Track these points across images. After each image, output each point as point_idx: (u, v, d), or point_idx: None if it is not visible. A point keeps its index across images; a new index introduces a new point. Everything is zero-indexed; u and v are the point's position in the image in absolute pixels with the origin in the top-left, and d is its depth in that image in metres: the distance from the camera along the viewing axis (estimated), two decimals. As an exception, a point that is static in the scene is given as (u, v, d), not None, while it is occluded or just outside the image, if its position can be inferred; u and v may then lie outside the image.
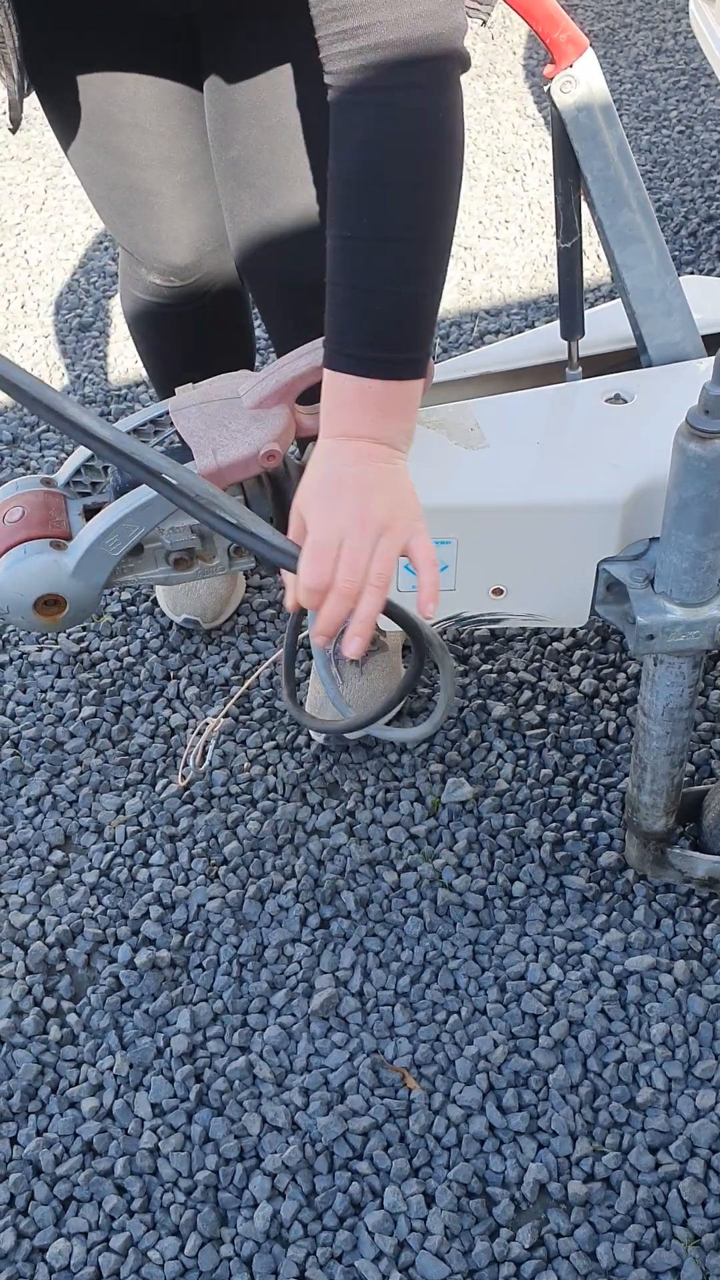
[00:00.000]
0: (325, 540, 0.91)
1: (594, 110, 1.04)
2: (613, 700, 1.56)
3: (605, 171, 1.07)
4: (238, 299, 1.50)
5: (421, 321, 0.92)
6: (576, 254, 1.13)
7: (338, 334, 0.92)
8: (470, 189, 2.67)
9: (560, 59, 1.02)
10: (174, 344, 1.49)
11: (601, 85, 1.04)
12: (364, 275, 0.90)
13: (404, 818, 1.46)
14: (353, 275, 0.90)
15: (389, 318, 0.90)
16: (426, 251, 0.90)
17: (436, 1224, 1.12)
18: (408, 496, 0.94)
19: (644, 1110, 1.19)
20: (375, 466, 0.93)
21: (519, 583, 1.10)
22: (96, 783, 1.52)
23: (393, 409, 0.93)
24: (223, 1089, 1.22)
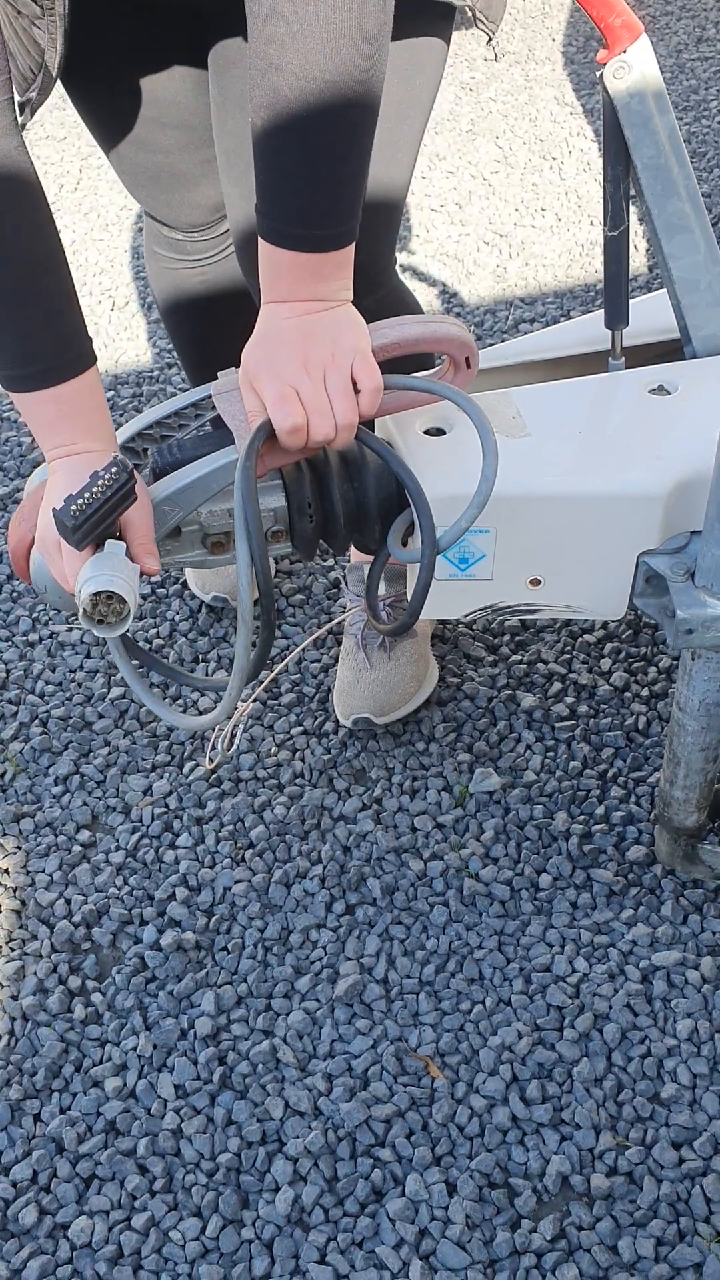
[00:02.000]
0: (282, 393, 0.96)
1: (646, 97, 1.03)
2: (643, 694, 1.55)
3: (655, 159, 1.06)
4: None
5: (352, 198, 0.95)
6: (624, 242, 1.12)
7: (271, 212, 0.95)
8: (507, 176, 2.65)
9: (614, 44, 1.01)
10: (200, 309, 1.50)
11: (655, 72, 1.03)
12: (281, 152, 0.92)
13: (431, 806, 1.46)
14: (271, 152, 0.92)
15: (314, 193, 0.93)
16: (343, 126, 0.92)
17: (458, 1213, 1.12)
18: (346, 328, 0.97)
19: (668, 1106, 1.19)
20: (310, 316, 0.97)
21: (557, 573, 1.09)
22: (124, 763, 1.52)
23: (327, 274, 0.96)
24: (246, 1072, 1.22)
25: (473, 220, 2.52)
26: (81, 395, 1.01)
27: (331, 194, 0.93)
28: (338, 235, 0.95)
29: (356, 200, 0.96)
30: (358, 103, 0.89)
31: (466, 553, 1.10)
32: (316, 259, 0.95)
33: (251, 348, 0.99)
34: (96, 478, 0.94)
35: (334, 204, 0.94)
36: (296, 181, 0.92)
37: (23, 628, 1.70)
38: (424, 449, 1.08)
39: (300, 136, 0.90)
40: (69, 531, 0.94)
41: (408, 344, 1.02)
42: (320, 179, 0.92)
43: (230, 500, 1.07)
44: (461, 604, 1.13)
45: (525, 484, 1.06)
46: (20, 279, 0.97)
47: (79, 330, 1.01)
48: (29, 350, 0.99)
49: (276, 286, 0.97)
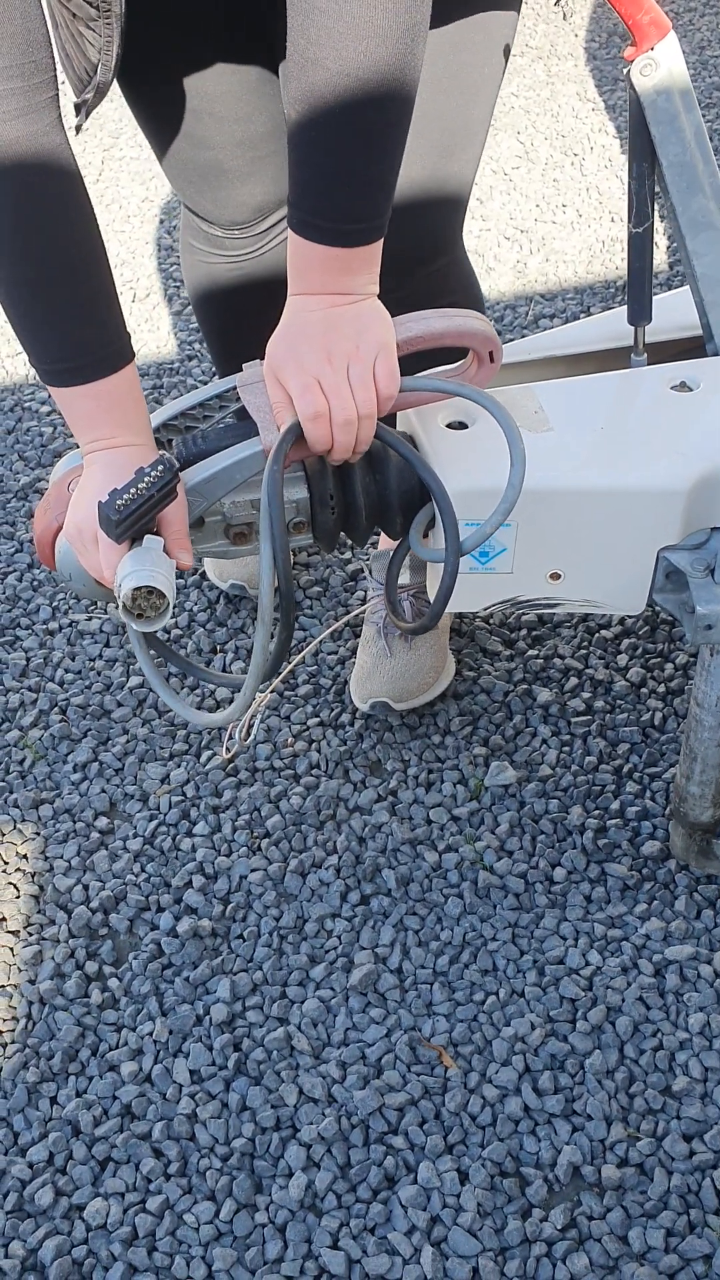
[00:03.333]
0: (305, 383, 0.97)
1: (673, 94, 1.03)
2: (660, 690, 1.56)
3: (681, 157, 1.06)
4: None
5: (382, 194, 0.96)
6: (648, 239, 1.12)
7: (302, 204, 0.96)
8: (529, 172, 2.65)
9: (642, 41, 1.01)
10: (231, 301, 1.50)
11: (682, 69, 1.03)
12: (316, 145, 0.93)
13: (446, 799, 1.46)
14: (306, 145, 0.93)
15: (346, 188, 0.95)
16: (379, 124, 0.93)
17: (470, 1201, 1.13)
18: (370, 322, 0.99)
19: (679, 1098, 1.19)
20: (336, 309, 0.98)
21: (577, 568, 1.10)
22: (142, 752, 1.53)
23: (355, 268, 0.97)
24: (261, 1059, 1.23)
25: (494, 215, 2.52)
26: (120, 390, 1.02)
27: (362, 190, 0.94)
28: (367, 230, 0.96)
29: (387, 196, 0.97)
30: (393, 99, 0.90)
31: (487, 546, 1.11)
32: (345, 253, 0.96)
33: (276, 339, 1.00)
34: (142, 475, 0.95)
35: (364, 199, 0.94)
36: (328, 176, 0.93)
37: (43, 616, 1.72)
38: (446, 443, 1.09)
39: (334, 131, 0.90)
40: (111, 525, 0.95)
41: (432, 338, 1.03)
42: (352, 174, 0.93)
43: (253, 492, 1.08)
44: (481, 598, 1.14)
45: (547, 478, 1.06)
46: (62, 275, 0.98)
47: (119, 326, 1.02)
48: (69, 346, 1.00)
49: (304, 279, 0.98)
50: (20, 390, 2.15)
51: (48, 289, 0.98)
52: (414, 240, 1.27)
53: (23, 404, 2.11)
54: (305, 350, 0.98)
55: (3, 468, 1.98)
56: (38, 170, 0.95)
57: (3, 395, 2.14)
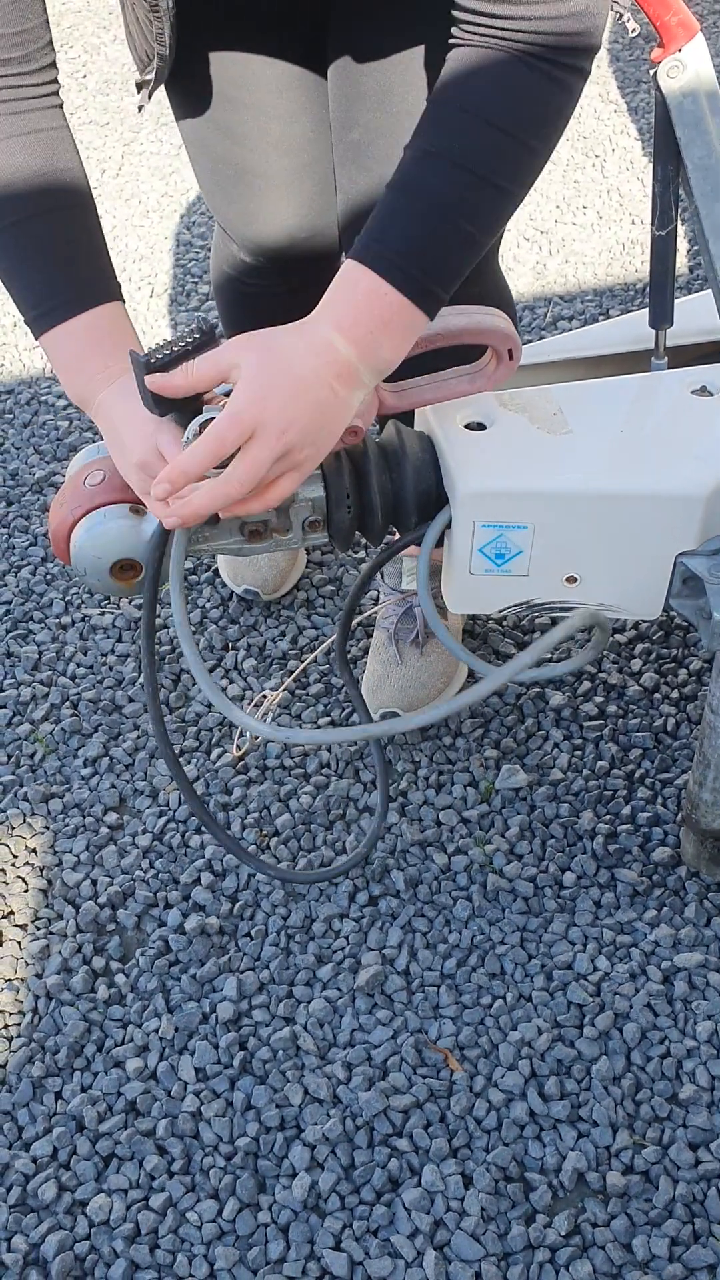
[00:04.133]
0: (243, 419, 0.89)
1: (700, 97, 1.03)
2: (673, 696, 1.55)
3: (706, 160, 1.05)
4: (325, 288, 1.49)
5: (461, 262, 0.93)
6: (671, 242, 1.11)
7: (379, 232, 0.91)
8: (549, 173, 2.64)
9: (669, 42, 1.01)
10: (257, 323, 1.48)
11: (709, 72, 1.02)
12: (431, 191, 0.89)
13: (456, 801, 1.46)
14: (420, 187, 0.90)
15: (437, 240, 0.90)
16: (498, 204, 0.91)
17: (474, 1205, 1.12)
18: (332, 434, 0.94)
19: (686, 1106, 1.19)
20: (334, 385, 0.92)
21: (594, 571, 1.09)
22: (153, 748, 1.53)
23: (393, 329, 0.92)
24: (266, 1058, 1.23)
25: (514, 216, 2.51)
26: (113, 321, 1.01)
27: (457, 254, 0.91)
28: (432, 295, 0.92)
29: (460, 275, 0.93)
30: (527, 184, 0.89)
31: (503, 548, 1.10)
32: (399, 305, 0.91)
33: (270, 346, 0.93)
34: (180, 335, 0.93)
35: (452, 265, 0.91)
36: (432, 223, 0.90)
37: (55, 610, 1.72)
38: (464, 443, 1.09)
39: (468, 189, 0.88)
40: (142, 369, 0.92)
41: (451, 335, 1.03)
42: (457, 234, 0.90)
43: None
44: (496, 600, 1.13)
45: (565, 481, 1.06)
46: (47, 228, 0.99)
47: (107, 269, 1.01)
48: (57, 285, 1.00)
49: (342, 312, 0.93)
50: (37, 384, 2.15)
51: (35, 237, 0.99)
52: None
53: (39, 398, 2.11)
54: (275, 395, 0.90)
55: (18, 461, 1.98)
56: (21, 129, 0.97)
57: (19, 389, 2.14)
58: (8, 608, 1.72)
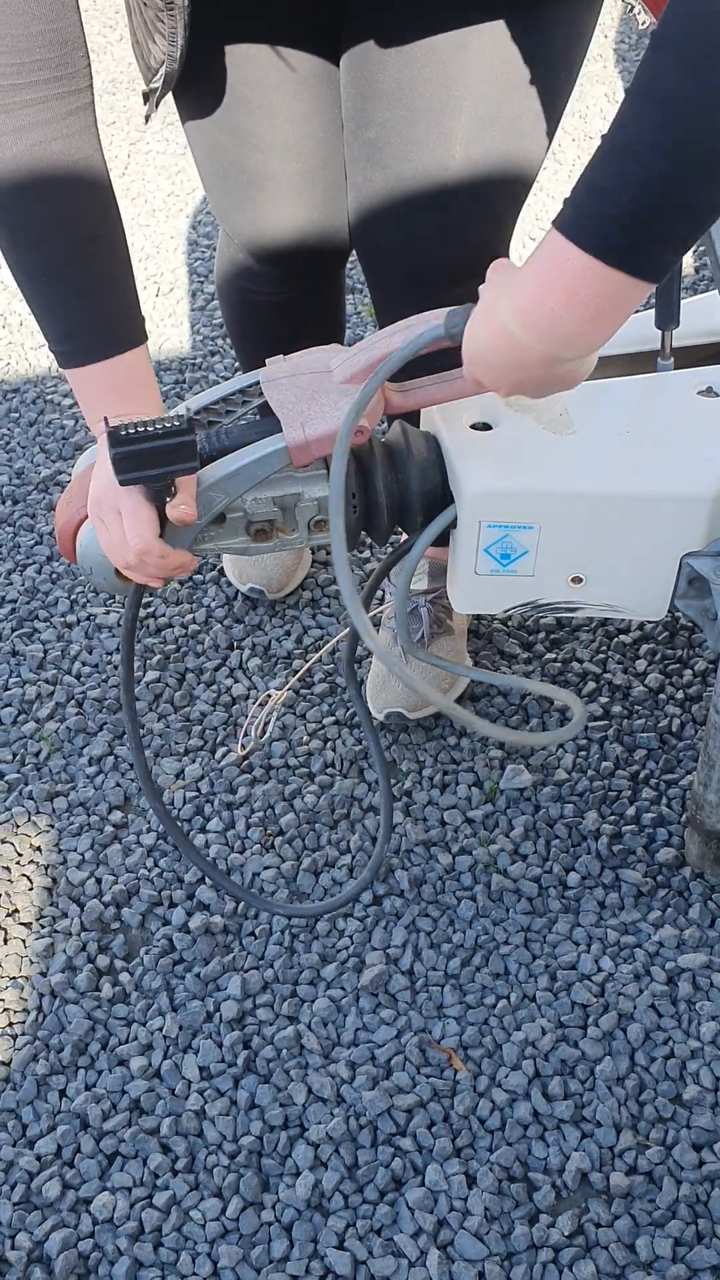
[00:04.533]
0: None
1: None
2: (678, 696, 1.55)
3: (713, 160, 1.05)
4: (333, 294, 1.49)
5: (688, 229, 0.77)
6: (677, 243, 1.11)
7: (586, 199, 0.78)
8: (555, 173, 2.64)
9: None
10: (260, 327, 1.49)
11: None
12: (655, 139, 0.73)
13: (461, 801, 1.46)
14: (642, 135, 0.74)
15: (657, 199, 0.75)
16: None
17: (477, 1205, 1.13)
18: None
19: (690, 1107, 1.19)
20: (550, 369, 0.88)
21: (599, 572, 1.09)
22: (158, 747, 1.53)
23: (604, 310, 0.80)
24: (270, 1057, 1.23)
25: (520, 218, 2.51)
26: (131, 370, 1.02)
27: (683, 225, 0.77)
28: (654, 267, 0.79)
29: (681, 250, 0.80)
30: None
31: (509, 549, 1.10)
32: (584, 268, 0.79)
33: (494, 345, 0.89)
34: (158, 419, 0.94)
35: (676, 236, 0.78)
36: (653, 194, 0.75)
37: (61, 609, 1.72)
38: (470, 443, 1.09)
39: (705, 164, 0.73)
40: (110, 443, 0.92)
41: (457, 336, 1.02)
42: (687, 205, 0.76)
43: (275, 489, 1.08)
44: (501, 599, 1.13)
45: (570, 481, 1.06)
46: (77, 257, 0.99)
47: (131, 308, 1.02)
48: (80, 325, 1.01)
49: (522, 282, 0.85)
50: (43, 383, 2.15)
51: (62, 270, 0.99)
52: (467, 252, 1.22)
53: (45, 396, 2.12)
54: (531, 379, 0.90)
55: (24, 460, 1.98)
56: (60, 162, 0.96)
57: (25, 388, 2.15)
58: (13, 606, 1.73)
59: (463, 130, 1.14)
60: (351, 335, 2.18)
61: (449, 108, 1.13)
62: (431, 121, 1.14)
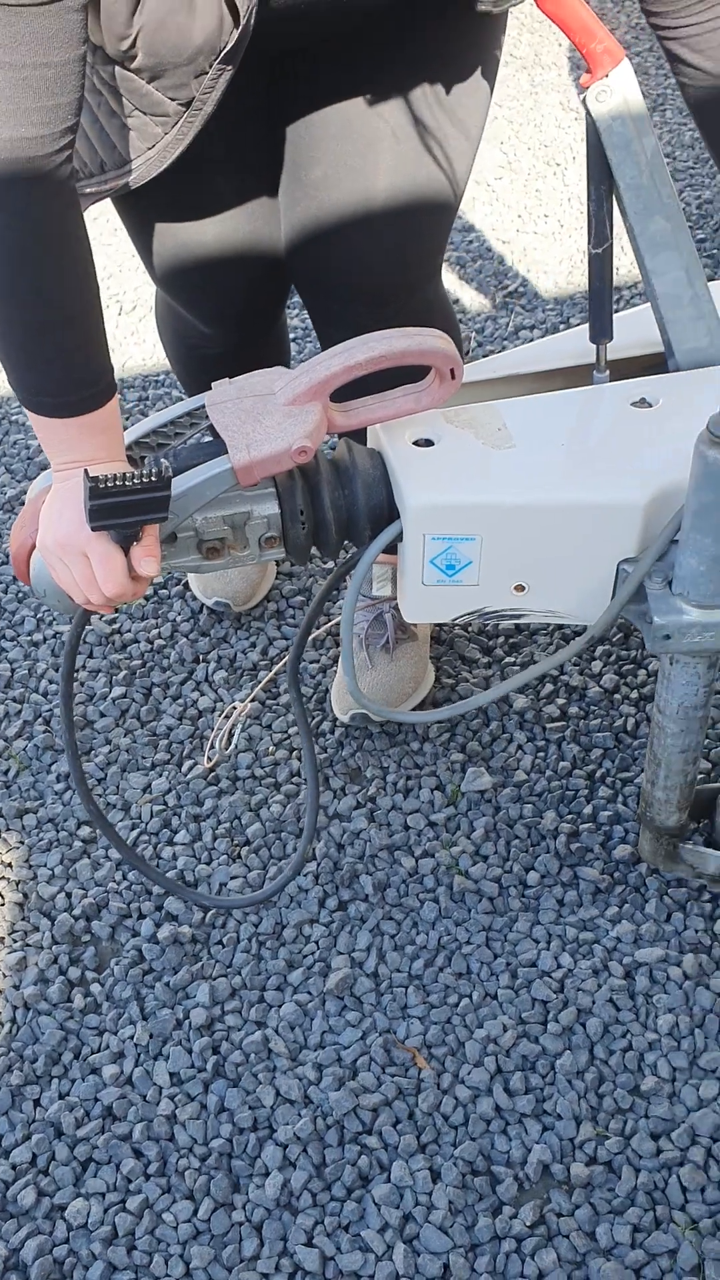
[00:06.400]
0: None
1: (628, 120, 1.06)
2: (633, 696, 1.59)
3: (638, 179, 1.09)
4: (276, 337, 1.57)
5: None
6: (607, 259, 1.15)
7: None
8: (510, 182, 2.68)
9: (596, 69, 1.04)
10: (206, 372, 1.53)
11: (637, 95, 1.06)
12: None
13: (424, 805, 1.49)
14: None
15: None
16: None
17: (441, 1199, 1.16)
18: None
19: (648, 1098, 1.22)
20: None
21: (541, 580, 1.13)
22: (124, 761, 1.56)
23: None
24: (239, 1061, 1.26)
25: (476, 226, 2.55)
26: (102, 422, 1.05)
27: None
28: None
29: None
30: None
31: (453, 559, 1.13)
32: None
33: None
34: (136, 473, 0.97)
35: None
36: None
37: (27, 628, 1.74)
38: (413, 459, 1.12)
39: None
40: (90, 495, 0.97)
41: (394, 357, 1.06)
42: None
43: (224, 508, 1.11)
44: (449, 608, 1.17)
45: (510, 493, 1.09)
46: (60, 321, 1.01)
47: (106, 366, 1.05)
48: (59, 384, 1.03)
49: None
50: (7, 404, 2.18)
51: (46, 332, 1.00)
52: (401, 268, 1.29)
53: (9, 417, 2.14)
54: None
55: (-10, 481, 2.01)
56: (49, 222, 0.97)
57: (-9, 409, 2.17)
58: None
59: (385, 165, 1.22)
60: (309, 349, 2.22)
61: (372, 145, 1.22)
62: (376, 155, 1.20)
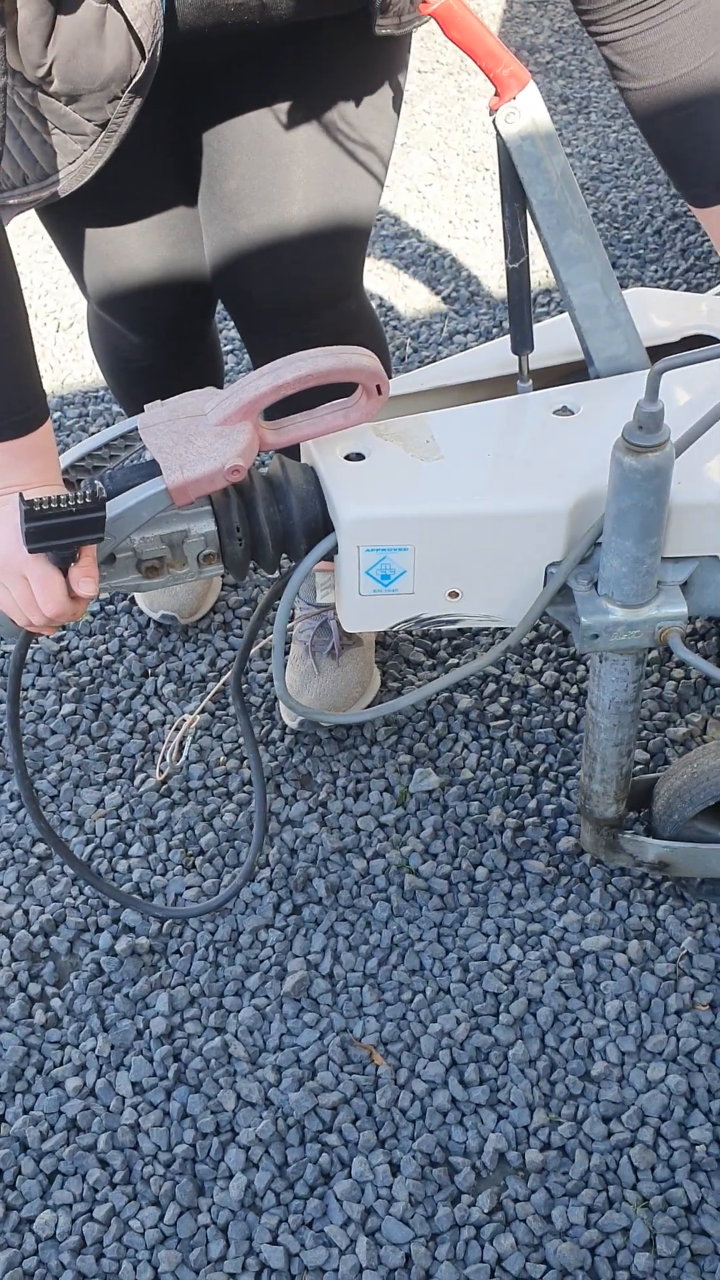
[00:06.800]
0: None
1: (537, 139, 1.10)
2: (572, 691, 1.63)
3: (549, 196, 1.12)
4: (207, 349, 1.59)
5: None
6: (524, 273, 1.18)
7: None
8: (440, 188, 2.72)
9: (504, 92, 1.08)
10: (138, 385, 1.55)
11: (544, 115, 1.09)
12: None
13: (374, 807, 1.52)
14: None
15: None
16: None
17: (401, 1191, 1.19)
18: None
19: (598, 1082, 1.26)
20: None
21: (473, 586, 1.16)
22: (77, 778, 1.58)
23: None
24: (199, 1068, 1.29)
25: (407, 233, 2.59)
26: (36, 446, 1.07)
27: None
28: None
29: None
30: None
31: (388, 570, 1.16)
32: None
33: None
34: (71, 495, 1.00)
35: None
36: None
37: (-24, 649, 1.76)
38: (344, 472, 1.15)
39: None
40: (25, 518, 0.99)
41: (320, 375, 1.09)
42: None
43: (162, 527, 1.13)
44: (386, 617, 1.20)
45: (439, 504, 1.12)
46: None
47: (38, 391, 1.07)
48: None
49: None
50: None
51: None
52: (322, 283, 1.33)
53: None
54: None
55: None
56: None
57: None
58: (-70, 649, 1.76)
59: (298, 190, 1.26)
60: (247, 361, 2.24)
61: (285, 171, 1.26)
62: (292, 162, 1.25)
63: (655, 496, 1.02)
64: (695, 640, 1.69)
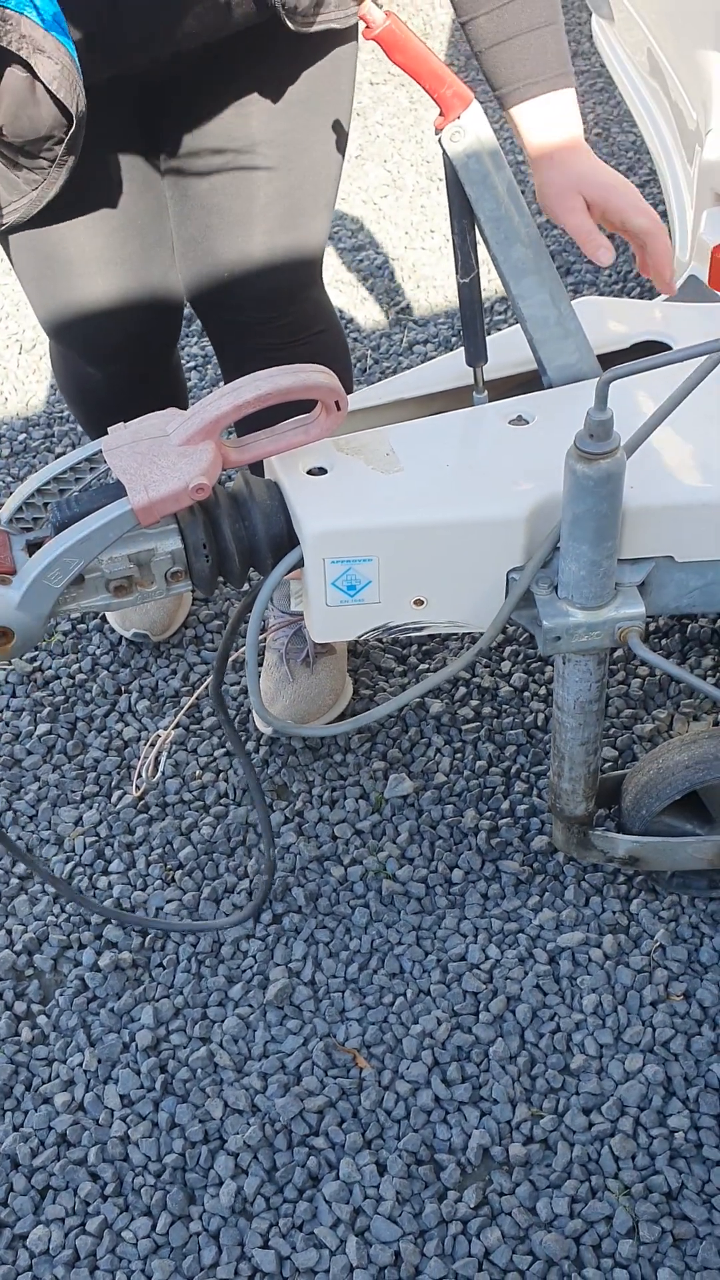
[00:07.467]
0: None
1: (483, 156, 1.13)
2: (541, 693, 1.66)
3: (496, 211, 1.15)
4: (170, 375, 1.63)
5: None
6: (475, 288, 1.21)
7: (542, 62, 1.18)
8: (396, 199, 2.75)
9: (448, 111, 1.11)
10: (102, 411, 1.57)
11: (488, 133, 1.12)
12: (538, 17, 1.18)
13: (350, 815, 1.55)
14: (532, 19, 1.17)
15: (560, 43, 1.19)
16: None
17: (389, 1190, 1.21)
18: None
19: (577, 1075, 1.29)
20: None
21: (437, 593, 1.19)
22: (54, 797, 1.59)
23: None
24: (186, 1078, 1.31)
25: (364, 245, 2.62)
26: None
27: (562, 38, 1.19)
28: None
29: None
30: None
31: (353, 580, 1.19)
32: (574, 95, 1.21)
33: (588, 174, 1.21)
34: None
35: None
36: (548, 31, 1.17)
37: (-50, 672, 1.77)
38: (307, 487, 1.17)
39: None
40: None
41: (280, 394, 1.11)
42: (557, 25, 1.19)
43: (128, 546, 1.15)
44: (354, 627, 1.22)
45: (401, 515, 1.15)
46: None
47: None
48: None
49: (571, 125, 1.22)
50: None
51: None
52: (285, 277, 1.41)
53: None
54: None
55: None
56: None
57: None
58: None
59: (258, 226, 1.36)
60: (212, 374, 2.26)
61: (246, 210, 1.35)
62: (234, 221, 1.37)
63: (609, 501, 1.05)
64: (658, 638, 1.72)
